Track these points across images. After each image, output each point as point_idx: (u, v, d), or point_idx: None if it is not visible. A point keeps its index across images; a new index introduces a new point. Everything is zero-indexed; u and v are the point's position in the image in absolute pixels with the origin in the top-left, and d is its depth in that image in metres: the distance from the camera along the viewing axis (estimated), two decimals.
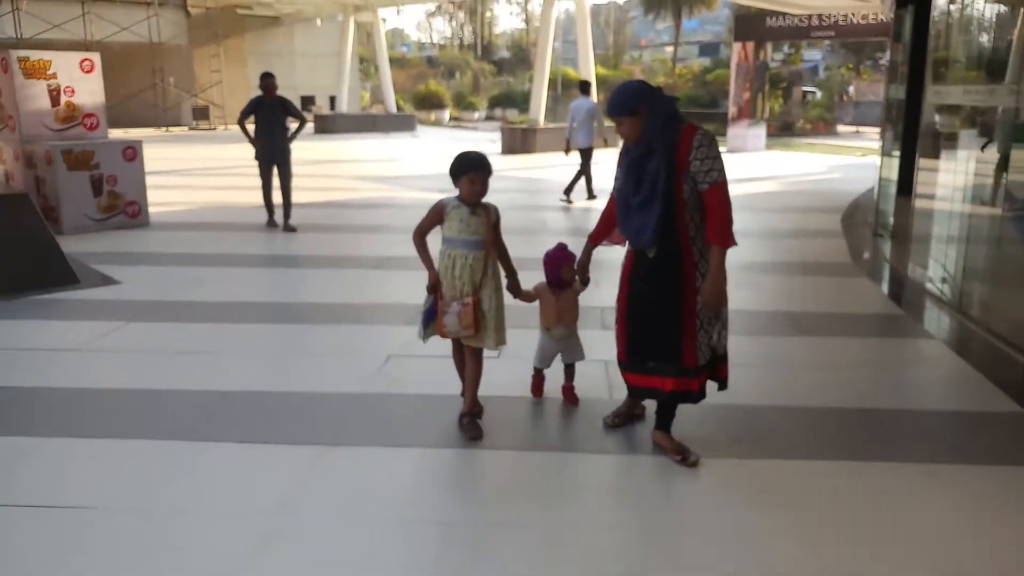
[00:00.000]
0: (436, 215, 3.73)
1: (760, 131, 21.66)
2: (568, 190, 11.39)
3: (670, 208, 3.24)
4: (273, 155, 9.09)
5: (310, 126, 29.87)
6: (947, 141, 7.11)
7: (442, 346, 3.94)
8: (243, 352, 5.04)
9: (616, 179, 3.53)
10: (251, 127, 9.04)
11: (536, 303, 4.12)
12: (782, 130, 28.50)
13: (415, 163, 18.30)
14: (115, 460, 3.56)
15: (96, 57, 9.41)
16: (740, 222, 11.29)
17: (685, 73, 40.03)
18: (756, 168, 17.18)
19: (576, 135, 11.60)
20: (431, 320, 3.75)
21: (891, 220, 8.99)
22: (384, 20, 46.73)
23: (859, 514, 3.13)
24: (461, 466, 3.55)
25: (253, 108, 9.03)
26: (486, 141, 24.99)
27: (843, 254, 8.30)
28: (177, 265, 7.50)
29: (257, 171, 9.29)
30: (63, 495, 3.25)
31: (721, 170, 3.25)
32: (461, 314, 3.63)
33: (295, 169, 9.50)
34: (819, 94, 35.50)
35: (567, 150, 11.69)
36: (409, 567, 2.78)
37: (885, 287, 7.09)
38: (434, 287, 3.70)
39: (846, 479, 3.44)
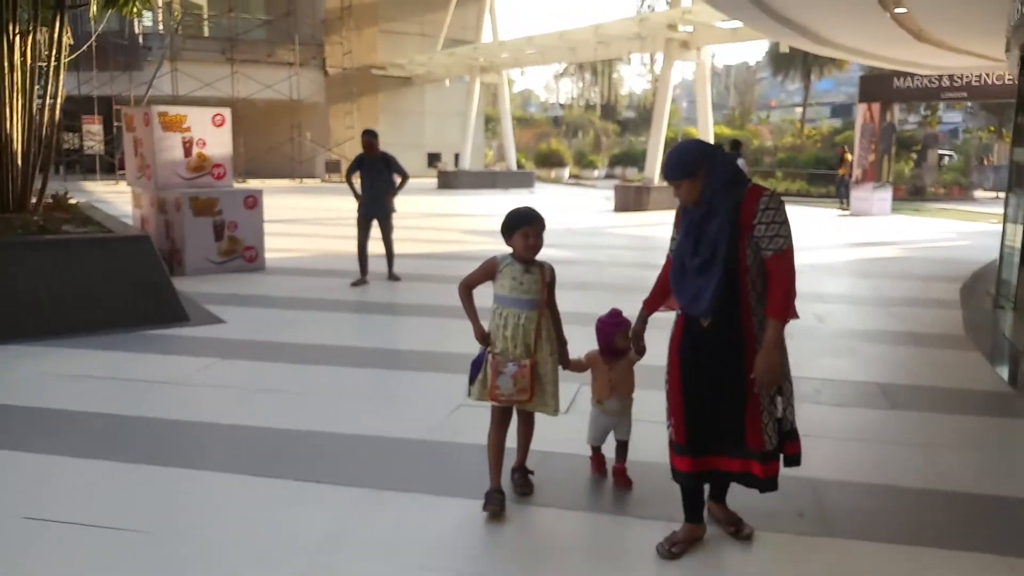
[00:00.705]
0: (487, 270, 3.58)
1: (886, 194, 20.79)
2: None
3: (731, 274, 3.00)
4: (372, 211, 9.19)
5: (433, 181, 30.98)
6: None
7: None
8: (321, 393, 5.23)
9: (673, 239, 3.29)
10: (358, 183, 9.41)
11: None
12: (912, 194, 27.25)
13: None
14: (177, 489, 3.76)
15: (227, 112, 10.16)
16: (849, 287, 10.92)
17: (813, 134, 39.05)
18: (877, 232, 16.48)
19: None
20: (477, 374, 3.56)
21: (1013, 291, 8.40)
22: (513, 81, 48.20)
23: None
24: (505, 520, 3.53)
25: (357, 165, 9.20)
26: (601, 199, 25.13)
27: (957, 326, 7.81)
28: (281, 308, 7.89)
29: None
30: (129, 518, 3.45)
31: (788, 236, 3.00)
32: (516, 376, 3.43)
33: (401, 221, 9.81)
34: (956, 158, 33.80)
35: None
36: None
37: (998, 363, 6.61)
38: (482, 338, 3.56)
39: (917, 566, 3.21)
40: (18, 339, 6.24)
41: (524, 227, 3.48)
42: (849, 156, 21.86)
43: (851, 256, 12.93)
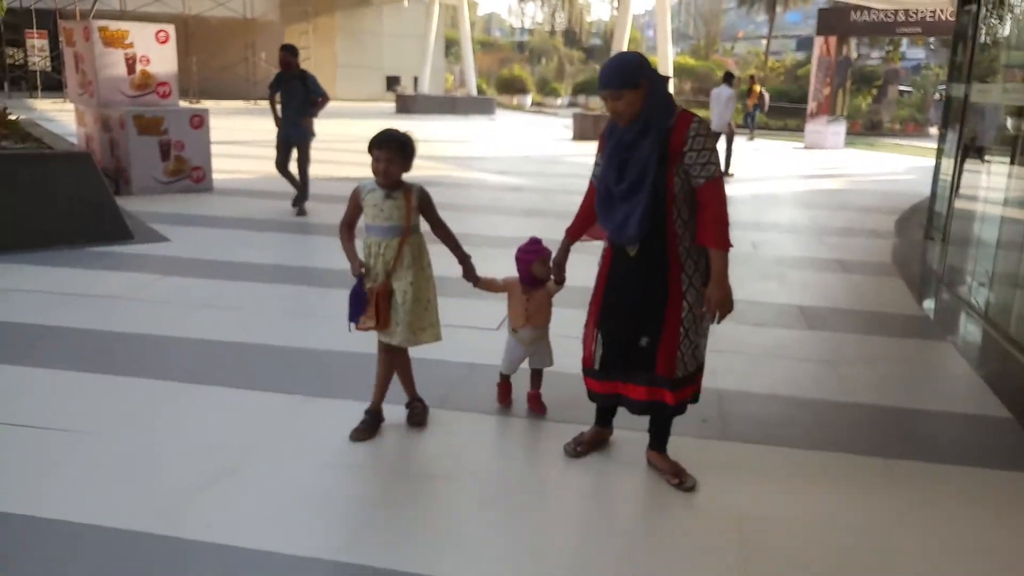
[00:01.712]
0: (354, 202, 3.43)
1: (839, 128, 21.04)
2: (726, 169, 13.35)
3: (658, 200, 2.90)
4: (289, 134, 8.58)
5: (391, 105, 30.53)
6: (990, 143, 6.90)
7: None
8: (258, 309, 5.36)
9: (596, 165, 3.17)
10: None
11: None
12: (869, 129, 27.57)
13: (483, 145, 18.55)
14: (115, 394, 3.91)
15: (171, 28, 9.93)
16: (788, 217, 11.18)
17: (777, 67, 39.05)
18: (827, 165, 16.77)
19: (718, 118, 13.53)
20: (357, 311, 3.43)
21: (944, 223, 8.73)
22: (476, 4, 47.13)
23: (794, 499, 3.20)
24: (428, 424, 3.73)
25: (276, 84, 8.61)
26: (561, 127, 25.07)
27: (886, 255, 8.12)
28: (226, 228, 7.92)
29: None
30: (61, 419, 3.59)
31: (717, 164, 2.91)
32: (366, 303, 3.37)
33: (355, 145, 9.76)
34: (915, 93, 34.11)
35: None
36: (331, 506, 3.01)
37: (917, 289, 6.93)
38: (356, 271, 3.39)
39: (798, 464, 3.49)
40: None
41: (373, 150, 3.30)
42: (758, 87, 22.30)
43: (797, 188, 13.20)
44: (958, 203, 7.56)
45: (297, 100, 8.42)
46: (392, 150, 3.28)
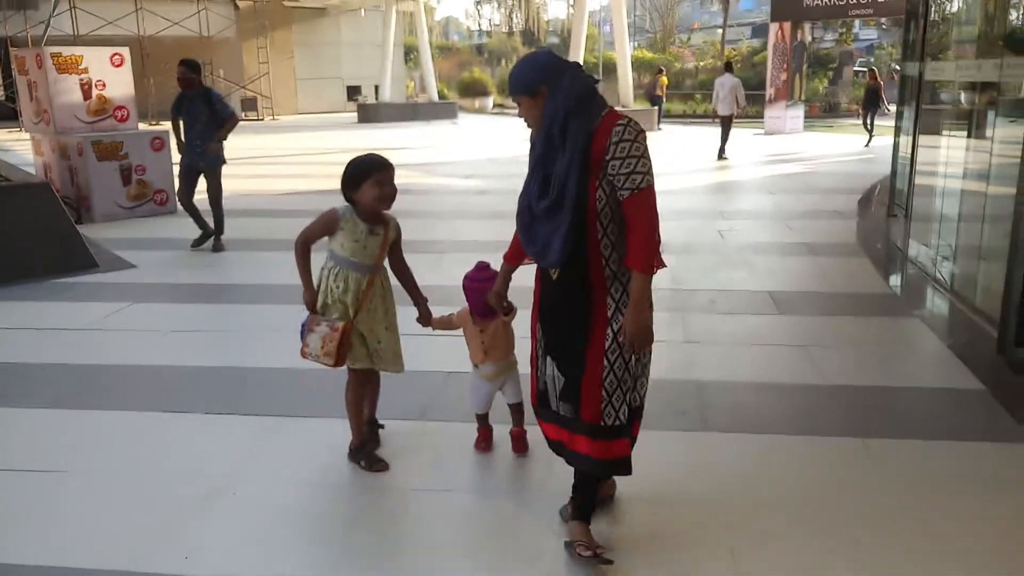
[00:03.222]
0: (328, 223, 3.18)
1: (798, 112, 21.28)
2: (721, 152, 14.87)
3: (583, 218, 2.51)
4: (193, 161, 7.52)
5: (353, 115, 30.35)
6: (946, 119, 7.02)
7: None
8: (230, 330, 5.32)
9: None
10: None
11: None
12: (827, 111, 27.91)
13: (447, 150, 18.52)
14: (90, 429, 3.85)
15: (125, 51, 9.81)
16: (753, 204, 11.24)
17: (733, 55, 39.37)
18: (788, 149, 16.96)
19: (720, 105, 14.77)
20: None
21: (905, 200, 8.86)
22: (433, 9, 47.05)
23: (779, 486, 3.23)
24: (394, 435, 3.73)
25: (178, 104, 7.57)
26: (523, 128, 25.06)
27: (851, 235, 8.23)
28: (193, 250, 7.84)
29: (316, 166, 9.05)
30: (40, 460, 3.54)
31: (648, 172, 2.47)
32: (326, 338, 3.13)
33: (321, 157, 9.68)
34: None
35: (712, 117, 15.24)
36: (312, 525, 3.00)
37: (883, 268, 7.03)
38: (311, 306, 3.23)
39: (782, 450, 3.53)
40: None
41: (376, 174, 3.09)
42: (665, 79, 23.49)
43: (759, 174, 13.33)
44: (918, 179, 7.67)
45: (201, 122, 7.41)
46: (392, 172, 3.13)
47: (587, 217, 2.50)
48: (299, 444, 3.64)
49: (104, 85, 9.58)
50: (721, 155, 14.95)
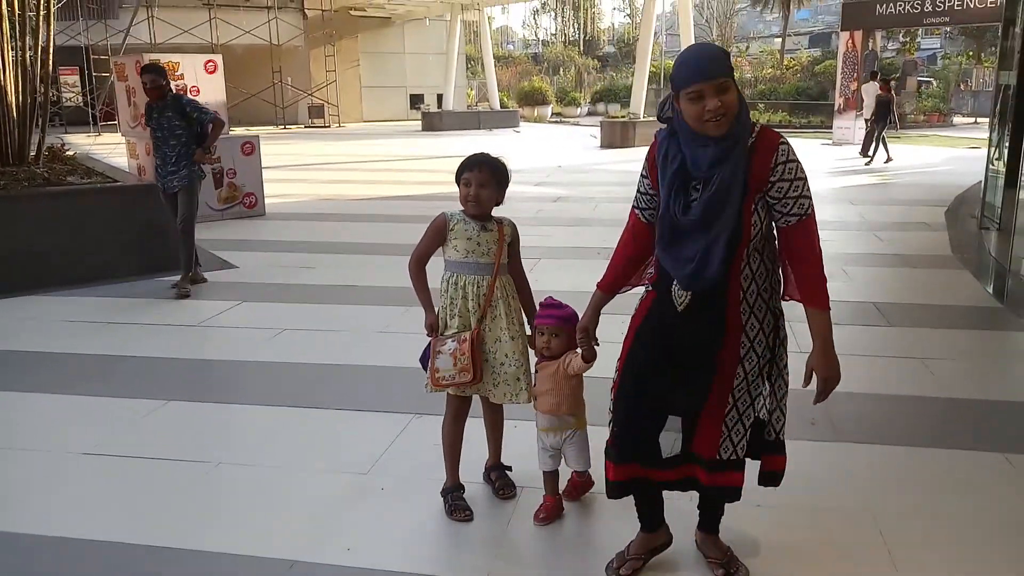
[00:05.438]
0: (437, 231, 2.98)
1: None
2: (868, 151, 16.25)
3: (733, 239, 2.25)
4: (169, 182, 6.34)
5: (416, 124, 30.71)
6: None
7: None
8: (342, 330, 5.44)
9: (640, 193, 2.54)
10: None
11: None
12: (891, 122, 27.34)
13: (515, 157, 18.60)
14: (227, 422, 3.99)
15: (219, 59, 10.12)
16: (836, 214, 11.12)
17: (793, 65, 38.89)
18: (861, 160, 16.69)
19: (869, 110, 16.70)
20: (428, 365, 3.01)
21: (998, 213, 8.68)
22: (491, 18, 47.44)
23: (924, 497, 3.20)
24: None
25: (148, 117, 6.42)
26: (585, 136, 25.12)
27: (944, 247, 8.08)
28: (289, 252, 8.04)
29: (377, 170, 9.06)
30: (189, 451, 3.67)
31: (811, 197, 2.28)
32: (456, 354, 2.88)
33: (389, 164, 9.81)
34: (935, 84, 33.89)
35: (889, 120, 16.40)
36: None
37: (986, 280, 6.89)
38: (432, 329, 2.99)
39: (915, 462, 3.50)
40: (36, 290, 6.37)
41: (465, 173, 2.93)
42: None
43: (836, 184, 13.14)
44: (1020, 192, 7.49)
45: (174, 136, 6.25)
46: (486, 173, 2.91)
47: (738, 241, 2.25)
48: (433, 441, 3.69)
49: (198, 91, 9.86)
50: (867, 151, 16.45)
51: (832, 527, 2.98)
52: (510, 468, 3.28)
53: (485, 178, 2.90)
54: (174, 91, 6.77)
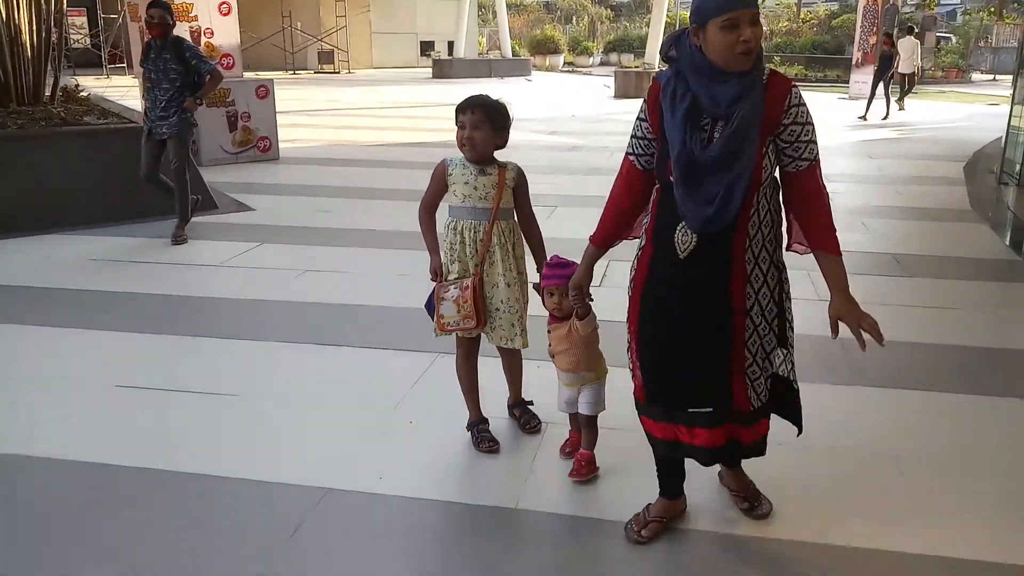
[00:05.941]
0: (439, 179, 2.99)
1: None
2: (897, 101, 16.86)
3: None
4: (158, 126, 6.07)
5: (426, 71, 30.36)
6: None
7: None
8: (362, 271, 5.48)
9: (635, 139, 2.39)
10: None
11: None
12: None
13: (527, 106, 18.45)
14: (257, 358, 4.05)
15: (233, 1, 9.99)
16: (855, 167, 11.05)
17: (810, 18, 38.21)
18: (878, 114, 16.50)
19: (906, 65, 16.75)
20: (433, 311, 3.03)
21: (1017, 169, 8.62)
22: None
23: (943, 438, 3.26)
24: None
25: (145, 57, 6.21)
26: (599, 85, 24.84)
27: (963, 201, 8.04)
28: (304, 196, 8.04)
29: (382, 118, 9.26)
30: (216, 383, 3.74)
31: (817, 144, 2.28)
32: (459, 300, 2.91)
33: (399, 111, 9.74)
34: (954, 40, 33.30)
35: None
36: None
37: (1003, 234, 6.88)
38: (436, 273, 3.00)
39: (927, 405, 3.55)
40: (57, 229, 6.41)
41: (459, 116, 2.87)
42: None
43: (855, 138, 13.02)
44: None
45: (168, 79, 6.05)
46: (479, 115, 2.83)
47: (749, 183, 2.19)
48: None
49: (212, 33, 9.79)
50: (898, 102, 16.97)
51: (852, 465, 3.04)
52: (531, 403, 3.33)
53: (479, 120, 2.84)
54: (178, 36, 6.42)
